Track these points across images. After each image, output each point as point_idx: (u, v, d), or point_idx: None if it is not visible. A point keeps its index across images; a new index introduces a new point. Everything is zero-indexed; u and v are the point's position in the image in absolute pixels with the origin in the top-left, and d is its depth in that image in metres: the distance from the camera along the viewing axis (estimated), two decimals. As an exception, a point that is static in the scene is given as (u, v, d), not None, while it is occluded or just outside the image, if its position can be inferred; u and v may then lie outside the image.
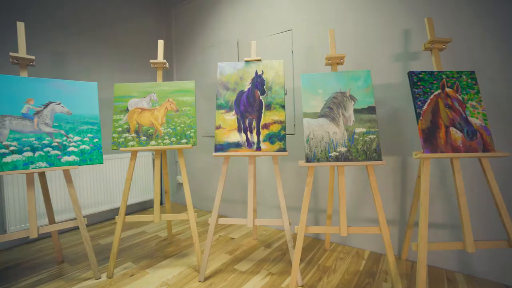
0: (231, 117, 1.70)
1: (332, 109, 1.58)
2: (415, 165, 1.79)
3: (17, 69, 2.13)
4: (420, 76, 1.46)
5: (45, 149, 1.54)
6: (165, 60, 1.78)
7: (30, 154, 1.50)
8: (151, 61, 1.78)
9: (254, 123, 1.69)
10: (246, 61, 1.78)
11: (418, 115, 1.40)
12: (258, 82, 1.74)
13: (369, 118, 1.53)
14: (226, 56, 2.72)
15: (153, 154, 3.07)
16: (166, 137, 1.71)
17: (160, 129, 1.72)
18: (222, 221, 1.66)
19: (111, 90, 2.77)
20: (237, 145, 1.67)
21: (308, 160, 1.53)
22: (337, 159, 1.52)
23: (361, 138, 1.51)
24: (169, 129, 1.72)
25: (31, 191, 1.50)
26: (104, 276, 1.69)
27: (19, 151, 1.48)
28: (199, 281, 1.62)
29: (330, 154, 1.53)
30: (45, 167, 1.53)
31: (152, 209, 3.12)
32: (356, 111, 1.55)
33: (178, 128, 1.72)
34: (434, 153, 1.34)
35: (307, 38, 2.18)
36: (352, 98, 1.57)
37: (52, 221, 1.80)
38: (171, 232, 2.13)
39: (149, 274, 1.71)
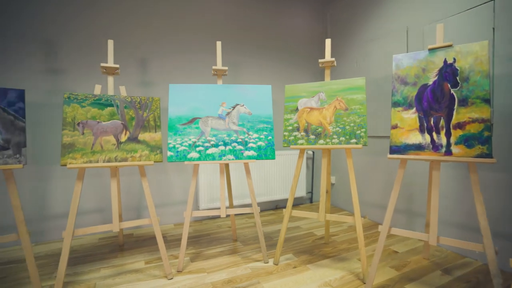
0: (410, 116, 1.49)
1: None
2: None
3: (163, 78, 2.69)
4: None
5: (232, 144, 1.85)
6: (333, 59, 1.76)
7: (223, 148, 1.83)
8: (320, 60, 1.81)
9: (442, 122, 1.41)
10: (430, 49, 1.51)
11: None
12: (448, 73, 1.43)
13: None
14: (390, 49, 2.45)
15: (306, 152, 3.18)
16: (335, 137, 1.68)
17: (329, 128, 1.71)
18: (394, 231, 1.48)
19: (276, 91, 3.06)
20: (419, 147, 1.44)
21: (534, 172, 1.12)
22: None
23: None
24: (337, 128, 1.69)
25: (223, 179, 1.83)
26: (270, 262, 1.86)
27: (216, 145, 1.83)
28: (365, 292, 1.51)
29: None
30: (232, 159, 1.82)
31: (301, 205, 3.25)
32: None
33: (347, 127, 1.66)
34: None
35: (519, 8, 1.63)
36: None
37: (231, 205, 2.15)
38: (328, 232, 2.11)
39: (311, 270, 1.75)
